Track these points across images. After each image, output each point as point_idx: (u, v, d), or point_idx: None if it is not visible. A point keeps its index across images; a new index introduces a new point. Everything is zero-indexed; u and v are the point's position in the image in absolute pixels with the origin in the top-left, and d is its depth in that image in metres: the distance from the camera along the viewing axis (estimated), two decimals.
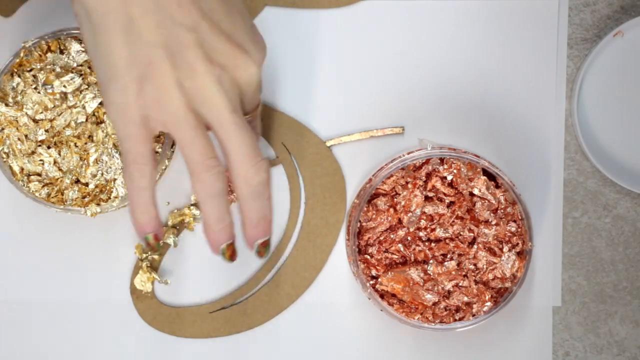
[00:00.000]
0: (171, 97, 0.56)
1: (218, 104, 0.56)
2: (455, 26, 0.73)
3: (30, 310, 0.73)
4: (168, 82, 0.56)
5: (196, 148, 0.57)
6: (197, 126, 0.57)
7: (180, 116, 0.56)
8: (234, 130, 0.57)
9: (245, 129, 0.57)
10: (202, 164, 0.57)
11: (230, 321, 0.73)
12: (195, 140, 0.57)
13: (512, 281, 0.68)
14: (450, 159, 0.68)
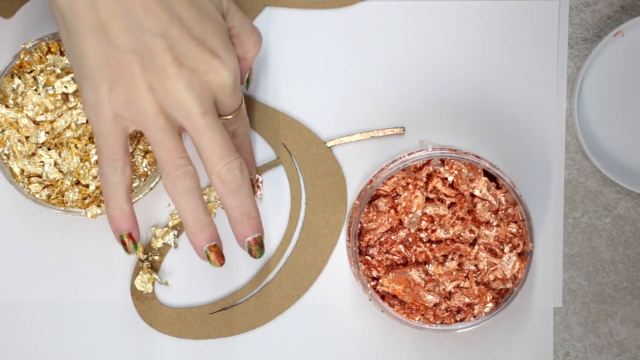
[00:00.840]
0: (141, 99, 0.58)
1: (188, 107, 0.58)
2: (456, 26, 0.73)
3: (30, 311, 0.73)
4: (138, 85, 0.57)
5: (165, 148, 0.59)
6: (167, 127, 0.59)
7: (151, 117, 0.58)
8: (204, 131, 0.59)
9: (217, 130, 0.59)
10: (171, 162, 0.59)
11: (231, 322, 0.73)
12: (165, 140, 0.59)
13: (513, 282, 0.68)
14: (451, 160, 0.68)
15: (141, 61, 0.57)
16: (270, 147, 0.73)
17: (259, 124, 0.73)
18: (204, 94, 0.59)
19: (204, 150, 0.60)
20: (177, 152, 0.59)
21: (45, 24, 0.72)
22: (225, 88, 0.60)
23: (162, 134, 0.59)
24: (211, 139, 0.59)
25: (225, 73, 0.59)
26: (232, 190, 0.61)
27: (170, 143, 0.59)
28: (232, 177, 0.61)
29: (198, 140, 0.59)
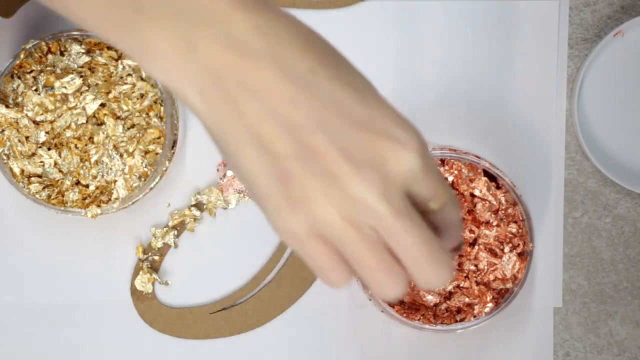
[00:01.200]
0: (323, 213, 0.48)
1: (374, 211, 0.47)
2: (456, 26, 0.73)
3: (30, 311, 0.73)
4: (314, 198, 0.48)
5: (367, 263, 0.49)
6: (362, 241, 0.48)
7: (340, 233, 0.48)
8: (401, 235, 0.48)
9: (416, 232, 0.48)
10: (378, 273, 0.49)
11: (231, 322, 0.73)
12: (365, 256, 0.49)
13: (513, 282, 0.68)
14: (451, 160, 0.68)
15: (305, 166, 0.47)
16: None
17: None
18: (390, 190, 0.47)
19: (404, 256, 0.49)
20: (381, 264, 0.49)
21: (45, 24, 0.72)
22: (414, 173, 0.48)
23: (359, 248, 0.48)
24: (410, 243, 0.48)
25: (408, 156, 0.47)
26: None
27: (371, 255, 0.48)
28: (441, 282, 0.50)
29: (395, 246, 0.48)
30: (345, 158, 0.47)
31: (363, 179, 0.47)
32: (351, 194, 0.47)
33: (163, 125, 0.69)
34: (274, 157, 0.47)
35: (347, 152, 0.47)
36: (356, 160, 0.47)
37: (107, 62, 0.69)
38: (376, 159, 0.47)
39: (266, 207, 0.48)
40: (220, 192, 0.73)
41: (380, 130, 0.47)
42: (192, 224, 0.73)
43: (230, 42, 0.47)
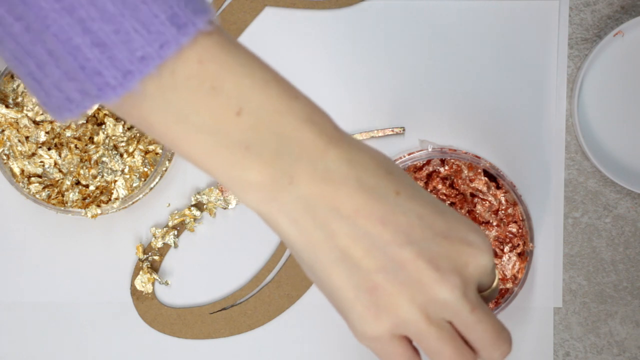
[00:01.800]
0: (408, 317, 0.54)
1: (456, 310, 0.54)
2: (456, 26, 0.73)
3: (30, 311, 0.73)
4: (400, 304, 0.54)
5: (446, 355, 0.55)
6: (441, 336, 0.55)
7: (423, 332, 0.54)
8: (475, 326, 0.55)
9: (487, 321, 0.55)
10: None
11: (231, 322, 0.73)
12: (443, 349, 0.55)
13: (513, 282, 0.68)
14: (451, 160, 0.68)
15: (395, 277, 0.53)
16: None
17: None
18: (468, 289, 0.54)
19: (476, 342, 0.56)
20: (458, 353, 0.55)
21: None
22: (488, 271, 0.55)
23: (438, 343, 0.55)
24: (483, 331, 0.55)
25: (484, 258, 0.55)
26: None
27: (449, 351, 0.55)
28: (503, 357, 0.57)
29: (468, 334, 0.56)
30: (432, 266, 0.53)
31: (448, 283, 0.53)
32: (436, 298, 0.53)
33: None
34: (364, 272, 0.53)
35: (432, 261, 0.53)
36: (441, 268, 0.53)
37: None
38: (459, 263, 0.54)
39: (351, 317, 0.54)
40: (220, 192, 0.73)
41: (459, 238, 0.54)
42: (192, 224, 0.73)
43: (324, 175, 0.52)
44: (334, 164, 0.53)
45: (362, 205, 0.53)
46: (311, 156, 0.52)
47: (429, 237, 0.54)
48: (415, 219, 0.54)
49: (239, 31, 0.73)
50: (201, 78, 0.51)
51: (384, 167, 0.54)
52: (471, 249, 0.54)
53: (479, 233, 0.55)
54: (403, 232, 0.53)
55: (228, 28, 0.73)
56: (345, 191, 0.53)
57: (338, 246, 0.53)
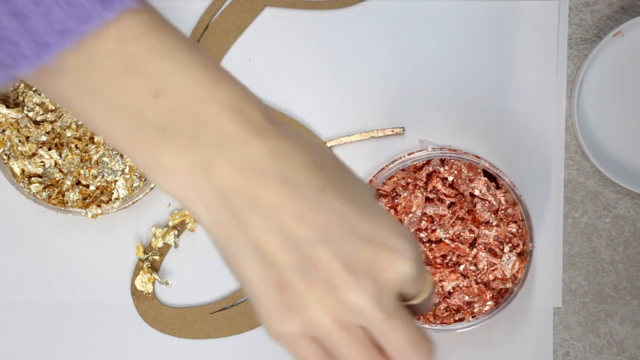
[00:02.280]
0: (316, 318, 0.52)
1: (368, 316, 0.52)
2: (456, 26, 0.73)
3: (31, 311, 0.73)
4: (308, 304, 0.51)
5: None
6: (351, 342, 0.52)
7: (331, 335, 0.52)
8: (390, 334, 0.53)
9: (404, 330, 0.53)
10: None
11: (231, 322, 0.73)
12: (352, 356, 0.53)
13: (512, 282, 0.69)
14: (450, 160, 0.68)
15: (305, 276, 0.51)
16: None
17: None
18: (384, 296, 0.52)
19: (391, 351, 0.53)
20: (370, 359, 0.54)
21: None
22: (408, 279, 0.53)
23: (346, 349, 0.52)
24: (398, 341, 0.53)
25: (404, 265, 0.52)
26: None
27: (357, 356, 0.53)
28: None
29: (383, 342, 0.53)
30: (346, 269, 0.50)
31: (361, 288, 0.51)
32: (348, 302, 0.51)
33: None
34: (275, 268, 0.51)
35: (348, 263, 0.50)
36: (356, 272, 0.51)
37: None
38: (375, 269, 0.51)
39: (261, 312, 0.52)
40: None
41: (381, 242, 0.51)
42: (193, 223, 0.73)
43: (244, 166, 0.50)
44: (256, 155, 0.51)
45: (280, 200, 0.51)
46: (231, 145, 0.51)
47: (347, 238, 0.51)
48: (336, 218, 0.51)
49: (239, 31, 0.73)
50: (120, 57, 0.49)
51: (312, 161, 0.52)
52: (391, 254, 0.52)
53: (405, 238, 0.52)
54: (320, 231, 0.51)
55: (228, 28, 0.73)
56: (264, 184, 0.51)
57: (251, 239, 0.51)
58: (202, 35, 0.73)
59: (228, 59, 0.73)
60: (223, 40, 0.73)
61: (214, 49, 0.73)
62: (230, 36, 0.73)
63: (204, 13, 0.73)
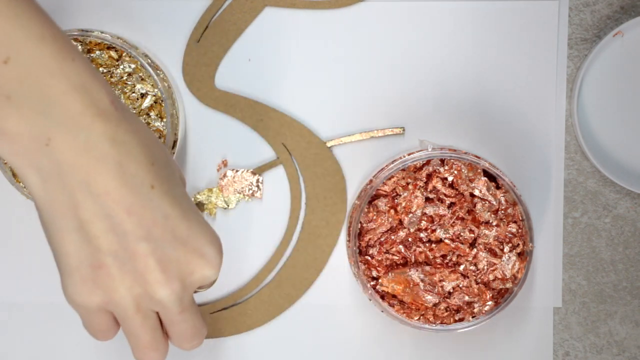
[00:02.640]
0: (120, 301, 0.56)
1: (167, 308, 0.57)
2: (456, 26, 0.73)
3: (30, 311, 0.73)
4: (117, 288, 0.56)
5: (140, 341, 0.59)
6: (144, 324, 0.58)
7: (128, 316, 0.57)
8: (179, 324, 0.59)
9: (190, 320, 0.59)
10: (143, 349, 0.59)
11: (231, 322, 0.73)
12: (143, 335, 0.58)
13: (512, 282, 0.69)
14: (450, 160, 0.68)
15: (122, 265, 0.55)
16: (270, 147, 0.73)
17: (258, 124, 0.73)
18: (185, 293, 0.57)
19: (174, 334, 0.60)
20: (151, 345, 0.59)
21: None
22: (207, 281, 0.59)
23: (139, 329, 0.58)
24: (184, 328, 0.59)
25: (210, 272, 0.58)
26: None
27: (145, 336, 0.59)
28: (191, 349, 0.62)
29: (170, 327, 0.59)
30: (160, 267, 0.55)
31: (170, 287, 0.56)
32: (152, 294, 0.56)
33: (163, 125, 0.69)
34: (94, 248, 0.54)
35: (162, 262, 0.55)
36: (168, 271, 0.56)
37: (107, 62, 0.69)
38: (185, 271, 0.56)
39: (66, 281, 0.56)
40: (220, 192, 0.73)
41: (195, 248, 0.57)
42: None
43: (84, 147, 0.53)
44: (97, 139, 0.53)
45: (114, 189, 0.53)
46: (74, 125, 0.52)
47: (168, 238, 0.55)
48: (161, 217, 0.55)
49: (239, 31, 0.73)
50: None
51: (149, 156, 0.55)
52: (202, 260, 0.57)
53: (214, 246, 0.58)
54: (145, 227, 0.54)
55: (228, 28, 0.73)
56: (101, 170, 0.53)
57: (78, 217, 0.54)
58: (202, 35, 0.73)
59: (228, 59, 0.73)
60: (223, 40, 0.73)
61: (214, 49, 0.73)
62: (230, 36, 0.73)
63: (204, 13, 0.73)
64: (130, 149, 0.54)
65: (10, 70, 0.51)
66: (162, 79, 0.69)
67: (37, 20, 0.53)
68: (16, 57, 0.51)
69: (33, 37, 0.52)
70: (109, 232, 0.54)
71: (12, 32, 0.51)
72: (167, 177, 0.56)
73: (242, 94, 0.73)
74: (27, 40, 0.52)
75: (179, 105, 0.70)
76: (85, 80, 0.53)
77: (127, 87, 0.69)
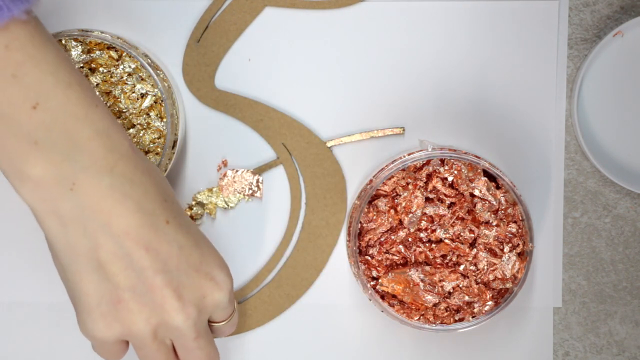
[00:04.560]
0: (138, 331, 0.58)
1: (183, 335, 0.59)
2: (456, 27, 0.73)
3: (30, 311, 0.73)
4: (136, 321, 0.58)
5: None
6: (159, 350, 0.60)
7: (146, 344, 0.59)
8: (194, 351, 0.61)
9: (205, 348, 0.61)
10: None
11: None
12: (157, 358, 0.60)
13: (512, 282, 0.69)
14: (450, 160, 0.68)
15: (140, 298, 0.57)
16: (270, 147, 0.73)
17: (258, 124, 0.73)
18: (200, 319, 0.60)
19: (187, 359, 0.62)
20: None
21: (46, 24, 0.72)
22: (220, 306, 0.61)
23: (155, 355, 0.60)
24: (198, 355, 0.61)
25: (221, 295, 0.60)
26: None
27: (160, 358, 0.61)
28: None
29: (184, 354, 0.61)
30: (176, 295, 0.57)
31: (185, 314, 0.58)
32: (169, 322, 0.58)
33: (163, 125, 0.69)
34: (114, 287, 0.56)
35: (177, 290, 0.58)
36: (183, 298, 0.58)
37: (107, 62, 0.69)
38: (199, 296, 0.59)
39: (84, 318, 0.58)
40: (220, 192, 0.73)
41: (206, 273, 0.59)
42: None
43: (107, 191, 0.55)
44: (119, 181, 0.55)
45: (134, 229, 0.55)
46: (98, 169, 0.54)
47: (183, 268, 0.58)
48: (177, 249, 0.57)
49: (239, 31, 0.73)
50: (4, 63, 0.51)
51: (161, 194, 0.57)
52: (213, 283, 0.59)
53: (224, 270, 0.60)
54: (162, 260, 0.57)
55: (228, 28, 0.73)
56: (122, 211, 0.55)
57: (98, 258, 0.56)
58: (202, 35, 0.73)
59: (228, 59, 0.73)
60: (223, 40, 0.73)
61: (214, 49, 0.73)
62: (230, 36, 0.73)
63: (204, 13, 0.73)
64: (147, 188, 0.56)
65: (40, 116, 0.52)
66: (162, 79, 0.69)
67: (64, 67, 0.54)
68: (45, 103, 0.52)
69: (61, 84, 0.53)
70: (128, 269, 0.56)
71: (42, 78, 0.52)
72: (177, 210, 0.59)
73: (242, 94, 0.73)
74: (56, 87, 0.53)
75: (179, 105, 0.70)
76: (107, 125, 0.55)
77: (127, 87, 0.69)
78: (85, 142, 0.54)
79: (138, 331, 0.58)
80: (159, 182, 0.58)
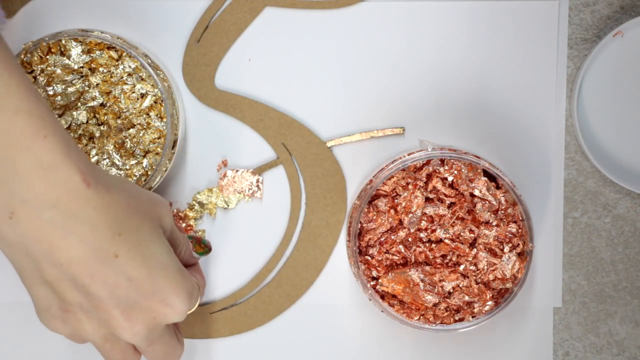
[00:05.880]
0: (88, 336, 0.59)
1: (136, 343, 0.60)
2: (456, 27, 0.73)
3: (30, 311, 0.73)
4: (84, 327, 0.59)
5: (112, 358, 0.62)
6: (113, 348, 0.61)
7: (98, 345, 0.60)
8: (150, 353, 0.62)
9: (160, 349, 0.62)
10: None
11: (231, 322, 0.73)
12: (112, 356, 0.62)
13: (512, 282, 0.69)
14: (450, 160, 0.68)
15: (87, 313, 0.58)
16: (270, 147, 0.73)
17: (258, 123, 0.73)
18: (151, 332, 0.60)
19: (147, 357, 0.63)
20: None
21: (46, 24, 0.72)
22: (175, 321, 0.61)
23: (109, 353, 0.61)
24: (155, 355, 0.63)
25: (174, 317, 0.60)
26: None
27: (117, 357, 0.62)
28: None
29: (143, 354, 0.63)
30: (124, 316, 0.58)
31: (132, 331, 0.58)
32: (118, 334, 0.59)
33: (163, 125, 0.69)
34: (61, 300, 0.57)
35: (126, 312, 0.57)
36: (131, 318, 0.58)
37: (107, 62, 0.69)
38: (149, 317, 0.59)
39: (39, 314, 0.59)
40: (220, 192, 0.73)
41: (160, 299, 0.58)
42: (193, 224, 0.73)
43: (47, 225, 0.54)
44: (61, 217, 0.54)
45: (77, 260, 0.55)
46: (38, 203, 0.53)
47: (132, 295, 0.57)
48: (124, 280, 0.56)
49: (239, 31, 0.73)
50: None
51: (115, 228, 0.56)
52: (167, 309, 0.59)
53: (180, 296, 0.59)
54: (108, 289, 0.56)
55: (228, 28, 0.73)
56: (64, 245, 0.54)
57: (44, 277, 0.56)
58: (202, 35, 0.73)
59: (228, 59, 0.73)
60: (223, 40, 0.73)
61: (214, 49, 0.73)
62: (230, 36, 0.73)
63: (204, 13, 0.73)
64: (96, 225, 0.55)
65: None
66: (162, 79, 0.69)
67: (14, 94, 0.53)
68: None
69: (7, 110, 0.52)
70: (74, 290, 0.56)
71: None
72: (136, 242, 0.57)
73: (242, 94, 0.73)
74: (2, 114, 0.52)
75: (179, 105, 0.70)
76: (55, 158, 0.53)
77: (127, 87, 0.69)
78: (25, 173, 0.53)
79: (88, 336, 0.59)
80: (117, 216, 0.56)
